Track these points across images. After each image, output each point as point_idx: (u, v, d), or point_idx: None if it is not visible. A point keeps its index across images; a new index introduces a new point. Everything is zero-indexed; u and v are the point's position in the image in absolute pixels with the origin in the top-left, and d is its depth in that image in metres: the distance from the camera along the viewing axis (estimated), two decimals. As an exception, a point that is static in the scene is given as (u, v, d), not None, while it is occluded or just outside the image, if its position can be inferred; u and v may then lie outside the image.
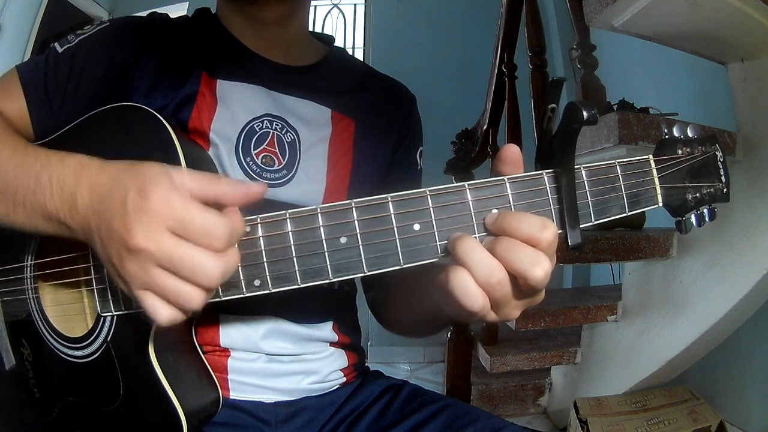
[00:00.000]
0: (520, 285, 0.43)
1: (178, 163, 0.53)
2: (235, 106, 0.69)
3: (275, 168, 0.68)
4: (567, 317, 1.65)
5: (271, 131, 0.69)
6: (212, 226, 0.41)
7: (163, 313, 0.42)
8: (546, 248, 0.42)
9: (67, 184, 0.47)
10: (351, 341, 0.77)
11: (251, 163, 0.67)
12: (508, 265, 0.42)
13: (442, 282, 0.44)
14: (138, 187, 0.42)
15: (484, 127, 2.03)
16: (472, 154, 2.06)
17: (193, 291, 0.41)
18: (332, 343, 0.74)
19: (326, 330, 0.73)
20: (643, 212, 0.50)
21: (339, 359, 0.75)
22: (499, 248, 0.42)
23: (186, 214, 0.40)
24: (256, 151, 0.68)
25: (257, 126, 0.69)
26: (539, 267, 0.41)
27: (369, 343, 3.08)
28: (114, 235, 0.42)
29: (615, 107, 1.56)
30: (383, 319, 0.77)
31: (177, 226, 0.40)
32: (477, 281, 0.42)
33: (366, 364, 0.82)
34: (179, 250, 0.40)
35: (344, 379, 0.75)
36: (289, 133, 0.70)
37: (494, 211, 0.45)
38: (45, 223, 0.49)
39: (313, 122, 0.73)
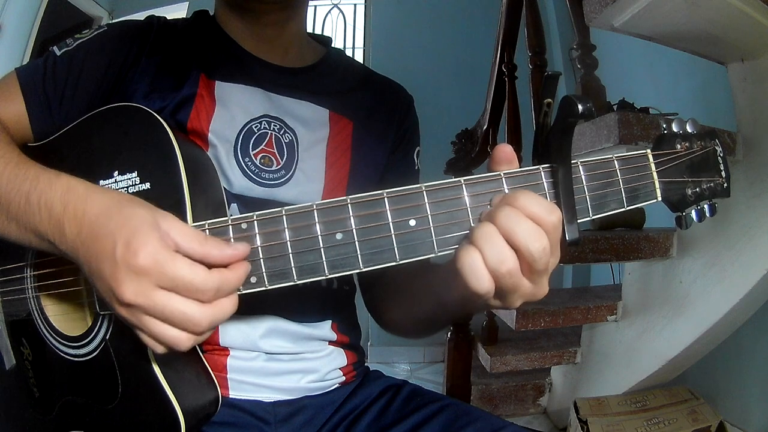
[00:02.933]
0: (523, 267, 0.43)
1: (177, 164, 0.53)
2: (233, 107, 0.69)
3: (273, 168, 0.69)
4: (567, 317, 1.65)
5: (270, 132, 0.70)
6: (200, 283, 0.42)
7: (156, 348, 0.45)
8: (549, 231, 0.43)
9: (54, 210, 0.47)
10: (350, 340, 0.77)
11: (250, 163, 0.68)
12: (508, 235, 0.42)
13: (449, 265, 0.45)
14: (125, 239, 0.43)
15: (484, 127, 2.03)
16: (472, 154, 2.06)
17: (182, 336, 0.44)
18: (331, 342, 0.74)
19: (325, 329, 0.73)
20: (644, 212, 0.50)
21: (338, 358, 0.75)
22: (501, 215, 0.42)
23: (175, 273, 0.42)
24: (254, 152, 0.68)
25: (255, 127, 0.69)
26: (539, 242, 0.42)
27: (369, 343, 3.08)
28: (104, 282, 0.44)
29: (615, 107, 1.56)
30: (381, 320, 0.77)
31: (166, 283, 0.42)
32: (487, 266, 0.42)
33: (366, 364, 0.82)
34: (170, 304, 0.42)
35: (343, 378, 0.75)
36: (287, 134, 0.71)
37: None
38: (38, 241, 0.50)
39: (311, 123, 0.73)
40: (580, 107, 0.42)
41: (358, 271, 0.46)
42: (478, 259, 0.42)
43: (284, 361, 0.69)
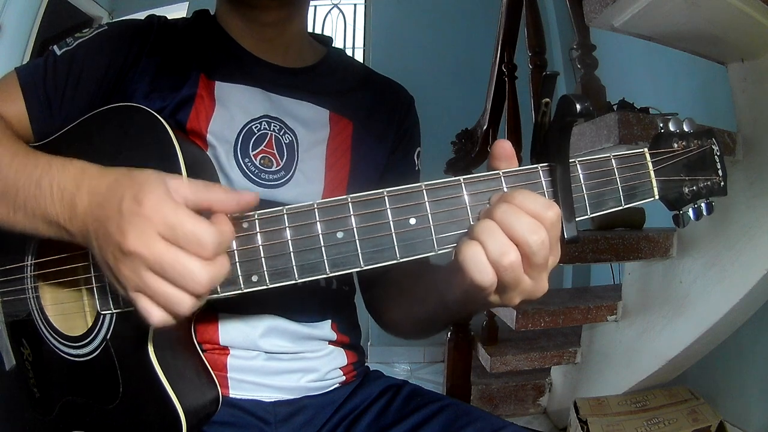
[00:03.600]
0: (523, 262, 0.44)
1: (177, 164, 0.53)
2: (233, 107, 0.69)
3: (273, 169, 0.69)
4: (567, 317, 1.65)
5: (269, 132, 0.70)
6: (201, 234, 0.42)
7: (155, 316, 0.44)
8: (548, 227, 0.43)
9: (67, 190, 0.48)
10: (350, 340, 0.77)
11: (249, 164, 0.68)
12: (506, 229, 0.43)
13: (453, 261, 0.45)
14: (133, 192, 0.43)
15: (484, 127, 2.03)
16: (472, 154, 2.06)
17: (182, 296, 0.43)
18: (331, 342, 0.74)
19: (325, 329, 0.73)
20: (644, 212, 0.50)
21: (338, 358, 0.75)
22: (499, 211, 0.43)
23: (177, 221, 0.42)
24: (254, 153, 0.68)
25: (255, 127, 0.69)
26: (537, 235, 0.42)
27: (369, 343, 3.08)
28: (109, 238, 0.44)
29: (615, 107, 1.56)
30: (381, 320, 0.77)
31: (168, 232, 0.42)
32: (489, 259, 0.43)
33: (366, 364, 0.82)
34: (169, 255, 0.42)
35: (344, 377, 0.75)
36: (287, 135, 0.70)
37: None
38: (45, 226, 0.50)
39: (311, 123, 0.73)
40: (578, 106, 0.43)
41: (359, 269, 0.46)
42: (481, 252, 0.43)
43: (284, 360, 0.70)
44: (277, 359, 0.69)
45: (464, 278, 0.44)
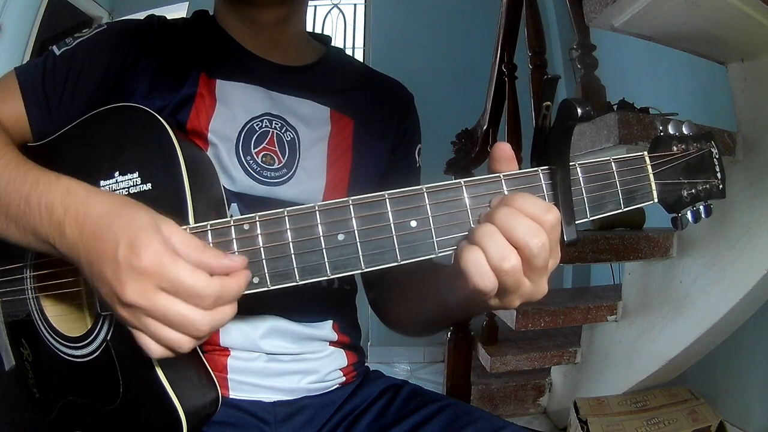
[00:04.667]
0: (524, 265, 0.44)
1: (178, 165, 0.53)
2: (234, 106, 0.69)
3: (275, 167, 0.69)
4: (567, 317, 1.65)
5: (271, 130, 0.70)
6: (201, 289, 0.43)
7: (154, 351, 0.45)
8: (548, 230, 0.43)
9: (54, 212, 0.48)
10: (350, 341, 0.77)
11: (251, 162, 0.68)
12: (506, 233, 0.43)
13: (454, 265, 0.45)
14: (128, 240, 0.43)
15: (484, 127, 2.03)
16: (472, 154, 2.06)
17: (182, 338, 0.44)
18: (332, 343, 0.74)
19: (326, 329, 0.73)
20: (643, 212, 0.51)
21: (338, 359, 0.75)
22: (499, 214, 0.43)
23: (177, 277, 0.42)
24: (256, 150, 0.68)
25: (257, 125, 0.69)
26: (537, 238, 0.42)
27: (369, 343, 3.08)
28: (106, 283, 0.44)
29: (615, 107, 1.56)
30: (385, 318, 0.77)
31: (168, 287, 0.43)
32: (490, 263, 0.43)
33: (366, 364, 0.82)
34: (171, 308, 0.43)
35: (344, 378, 0.75)
36: (288, 132, 0.71)
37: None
38: (37, 243, 0.50)
39: (312, 121, 0.73)
40: (579, 110, 0.43)
41: (359, 271, 0.46)
42: (481, 257, 0.43)
43: (285, 361, 0.70)
44: (277, 360, 0.69)
45: (465, 282, 0.44)
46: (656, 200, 0.51)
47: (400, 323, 0.74)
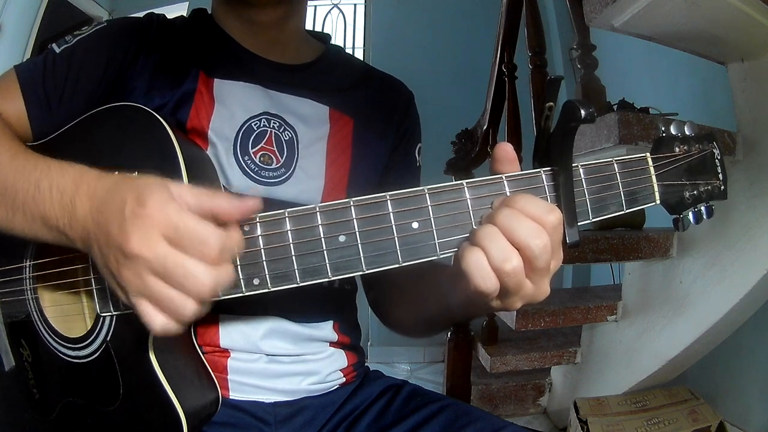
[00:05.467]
0: (525, 267, 0.43)
1: (177, 164, 0.53)
2: (232, 105, 0.69)
3: (273, 166, 0.68)
4: (567, 317, 1.65)
5: (269, 129, 0.69)
6: (206, 236, 0.42)
7: (157, 321, 0.43)
8: (550, 231, 0.43)
9: (66, 192, 0.47)
10: (351, 341, 0.77)
11: (249, 161, 0.67)
12: (508, 234, 0.43)
13: (455, 267, 0.45)
14: (136, 194, 0.43)
15: (484, 127, 2.03)
16: (472, 154, 2.06)
17: (185, 300, 0.42)
18: (332, 343, 0.74)
19: (326, 329, 0.73)
20: (644, 212, 0.50)
21: (339, 359, 0.75)
22: (501, 215, 0.43)
23: (181, 222, 0.41)
24: (254, 150, 0.68)
25: (255, 125, 0.69)
26: (539, 239, 0.42)
27: (369, 343, 3.08)
28: (111, 241, 0.43)
29: (615, 107, 1.56)
30: (386, 320, 0.77)
31: (172, 234, 0.41)
32: (492, 265, 0.43)
33: (366, 364, 0.82)
34: (172, 257, 0.41)
35: (344, 379, 0.75)
36: (287, 132, 0.70)
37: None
38: (44, 230, 0.50)
39: (311, 120, 0.73)
40: (582, 112, 0.43)
41: (361, 273, 0.46)
42: (483, 258, 0.43)
43: (285, 363, 0.69)
44: (278, 362, 0.69)
45: (467, 284, 0.44)
46: (658, 201, 0.51)
47: (401, 324, 0.74)
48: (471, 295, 0.45)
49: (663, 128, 0.52)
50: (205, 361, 0.63)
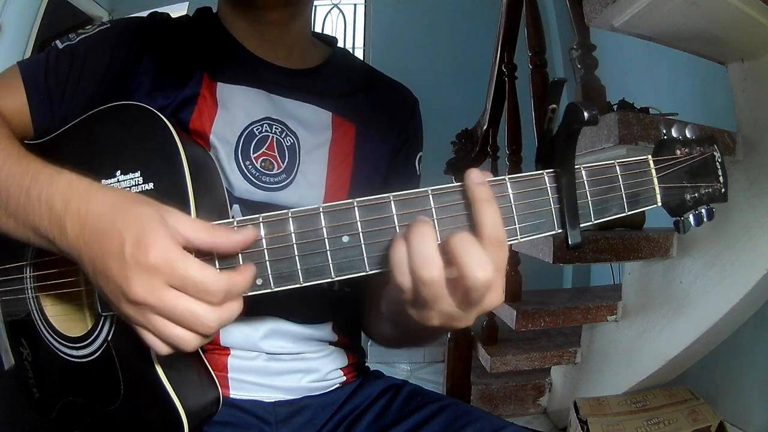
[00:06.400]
0: (456, 286, 0.42)
1: (180, 164, 0.53)
2: (234, 109, 0.68)
3: (274, 172, 0.68)
4: (567, 317, 1.66)
5: (271, 135, 0.69)
6: (210, 284, 0.42)
7: (161, 349, 0.45)
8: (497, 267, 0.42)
9: (55, 208, 0.47)
10: (351, 341, 0.77)
11: (250, 166, 0.67)
12: (455, 255, 0.41)
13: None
14: (134, 236, 0.42)
15: (484, 127, 2.03)
16: (472, 154, 2.07)
17: (190, 336, 0.44)
18: (332, 343, 0.74)
19: (326, 330, 0.73)
20: (644, 212, 0.50)
21: (339, 358, 0.75)
22: (455, 239, 0.42)
23: (186, 273, 0.42)
24: (255, 155, 0.68)
25: (257, 129, 0.68)
26: (483, 270, 0.41)
27: (369, 343, 3.06)
28: (111, 281, 0.43)
29: (615, 107, 1.56)
30: (364, 323, 0.77)
31: (177, 283, 0.42)
32: (410, 267, 0.42)
33: (366, 364, 0.82)
34: (180, 304, 0.42)
35: (344, 378, 0.75)
36: (288, 137, 0.70)
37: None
38: (36, 238, 0.49)
39: (313, 126, 0.72)
40: (585, 114, 0.43)
41: (364, 273, 0.46)
42: (405, 256, 0.42)
43: (285, 360, 0.69)
44: (277, 360, 0.69)
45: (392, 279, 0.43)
46: (660, 204, 0.50)
47: (376, 335, 0.74)
48: (394, 294, 0.44)
49: (665, 131, 0.52)
50: (205, 360, 0.63)
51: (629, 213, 0.49)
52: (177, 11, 0.82)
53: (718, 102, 1.74)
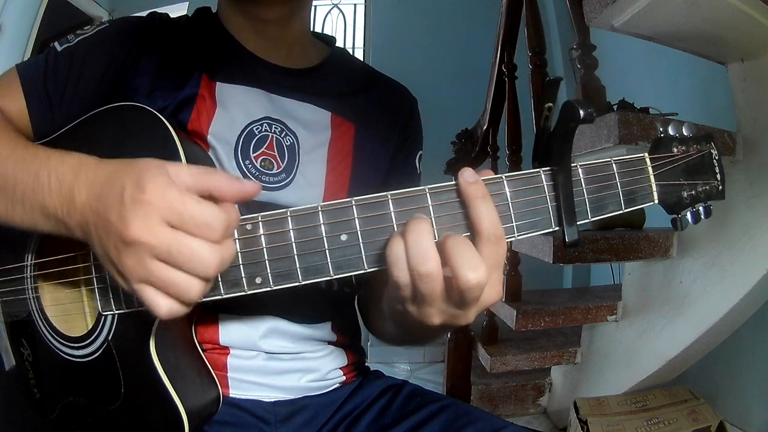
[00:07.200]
0: (451, 287, 0.42)
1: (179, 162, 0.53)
2: (234, 109, 0.68)
3: (274, 172, 0.68)
4: (567, 317, 1.66)
5: (270, 134, 0.69)
6: (210, 217, 0.41)
7: (162, 306, 0.42)
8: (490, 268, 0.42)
9: (65, 181, 0.47)
10: (350, 341, 0.77)
11: (250, 166, 0.67)
12: (448, 257, 0.41)
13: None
14: (134, 179, 0.42)
15: (484, 127, 2.03)
16: (472, 154, 2.07)
17: (191, 281, 0.42)
18: (331, 343, 0.74)
19: (325, 330, 0.73)
20: (644, 212, 0.50)
21: (339, 357, 0.75)
22: (449, 240, 0.42)
23: (183, 206, 0.41)
24: (255, 155, 0.68)
25: (256, 129, 0.68)
26: (475, 272, 0.41)
27: (369, 343, 3.08)
28: (111, 228, 0.42)
29: (615, 107, 1.56)
30: (367, 322, 0.77)
31: (174, 218, 0.41)
32: (407, 263, 0.42)
33: (366, 364, 0.82)
34: (177, 241, 0.41)
35: (344, 377, 0.75)
36: (288, 137, 0.70)
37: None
38: (43, 220, 0.49)
39: (312, 126, 0.72)
40: (581, 112, 0.43)
41: (362, 271, 0.46)
42: (403, 252, 0.42)
43: (284, 360, 0.69)
44: (277, 359, 0.69)
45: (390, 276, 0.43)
46: (657, 201, 0.51)
47: (379, 329, 0.74)
48: (393, 292, 0.44)
49: (661, 129, 0.52)
50: (205, 359, 0.63)
51: (626, 210, 0.49)
52: (177, 11, 0.82)
53: (718, 102, 1.74)
